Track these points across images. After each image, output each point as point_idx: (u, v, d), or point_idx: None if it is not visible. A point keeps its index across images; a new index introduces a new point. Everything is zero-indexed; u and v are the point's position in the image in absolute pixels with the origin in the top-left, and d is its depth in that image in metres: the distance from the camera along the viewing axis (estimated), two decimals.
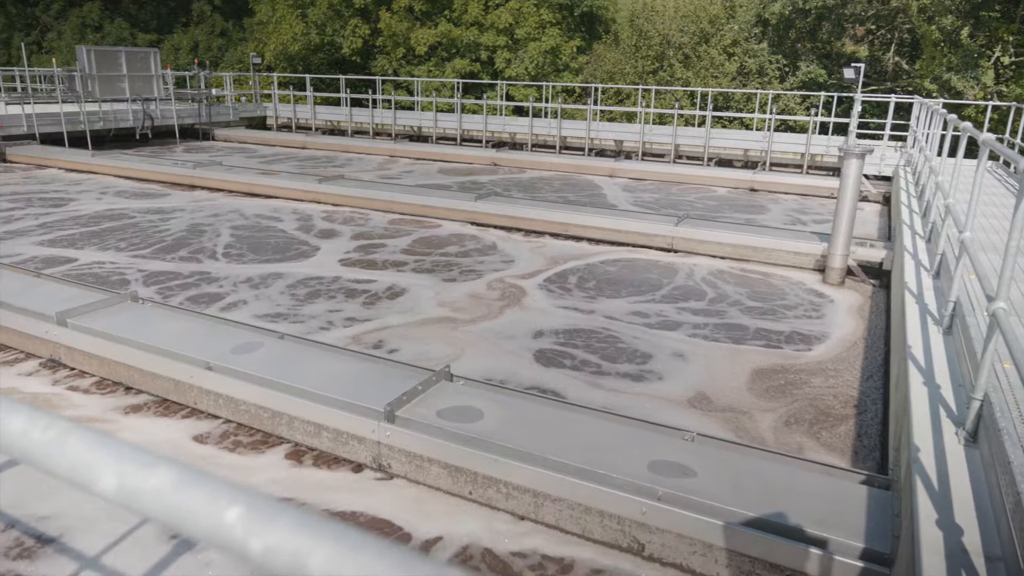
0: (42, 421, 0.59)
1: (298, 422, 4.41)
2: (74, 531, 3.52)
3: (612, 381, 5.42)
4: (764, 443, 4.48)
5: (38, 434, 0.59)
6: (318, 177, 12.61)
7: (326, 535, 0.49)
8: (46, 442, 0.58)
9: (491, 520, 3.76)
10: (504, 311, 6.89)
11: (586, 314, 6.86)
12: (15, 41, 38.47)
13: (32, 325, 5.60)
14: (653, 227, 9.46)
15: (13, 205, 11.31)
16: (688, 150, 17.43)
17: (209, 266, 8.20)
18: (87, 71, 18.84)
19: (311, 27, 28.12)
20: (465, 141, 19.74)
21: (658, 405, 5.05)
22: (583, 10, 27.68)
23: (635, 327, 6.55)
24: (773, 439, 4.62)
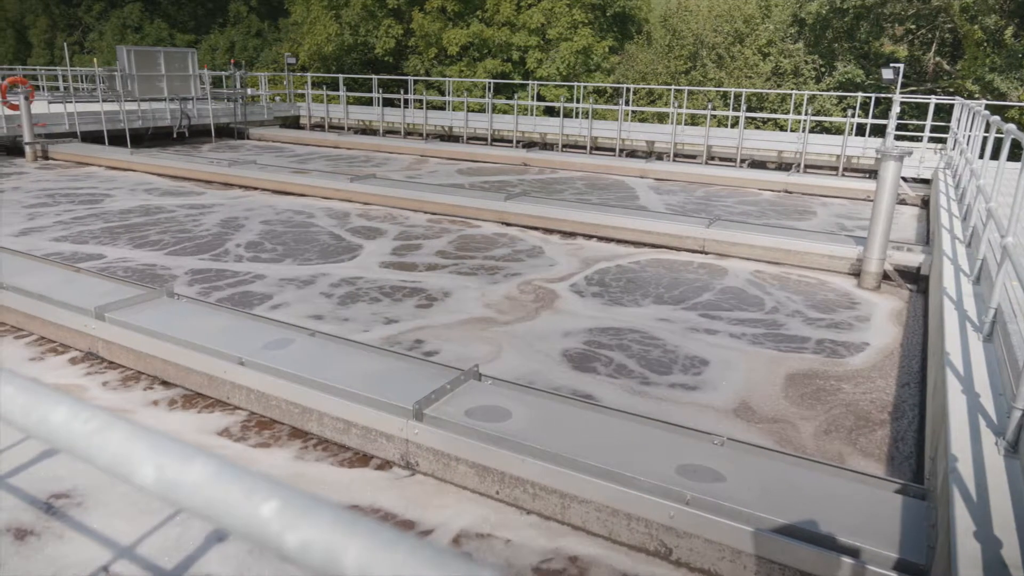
0: (84, 413, 0.61)
1: (327, 418, 4.45)
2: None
3: (646, 385, 5.38)
4: (803, 450, 4.41)
5: (80, 425, 0.60)
6: (349, 176, 12.73)
7: (361, 531, 0.49)
8: (88, 433, 0.60)
9: (517, 520, 3.76)
10: (539, 313, 6.85)
11: (619, 317, 6.81)
12: (58, 41, 39.47)
13: (72, 318, 5.74)
14: (684, 229, 9.38)
15: (54, 200, 11.60)
16: (720, 151, 17.25)
17: (248, 267, 8.31)
18: (127, 71, 19.26)
19: (345, 28, 28.41)
20: (496, 141, 19.78)
21: (693, 410, 5.00)
22: (615, 10, 27.56)
23: (668, 331, 6.49)
24: (810, 446, 4.55)
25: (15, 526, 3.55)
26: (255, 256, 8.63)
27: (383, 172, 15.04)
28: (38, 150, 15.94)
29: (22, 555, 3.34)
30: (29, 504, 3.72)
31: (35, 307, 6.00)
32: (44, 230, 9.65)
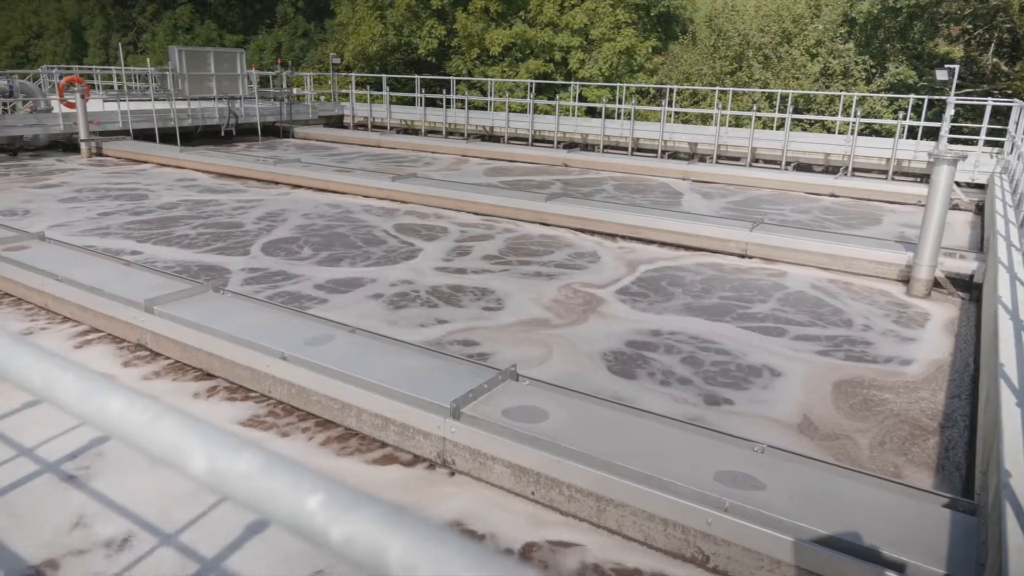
0: (139, 403, 0.62)
1: (366, 414, 4.50)
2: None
3: (694, 393, 5.30)
4: (858, 462, 4.31)
5: (135, 415, 0.62)
6: (391, 175, 12.86)
7: (405, 528, 0.49)
8: (142, 423, 0.61)
9: (553, 522, 3.75)
10: (586, 317, 6.76)
11: (664, 322, 6.69)
12: (113, 42, 40.71)
13: (122, 311, 5.91)
14: (726, 232, 9.24)
15: (104, 195, 11.96)
16: (765, 153, 16.96)
17: (296, 266, 8.45)
18: (178, 70, 19.76)
19: (389, 28, 28.72)
20: (536, 142, 19.77)
21: (740, 419, 4.92)
22: (660, 10, 27.31)
23: (713, 337, 6.38)
24: (863, 458, 4.44)
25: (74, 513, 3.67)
26: (302, 254, 8.77)
27: (424, 171, 15.15)
28: (92, 147, 16.45)
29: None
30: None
31: (88, 299, 6.20)
32: (93, 222, 9.96)
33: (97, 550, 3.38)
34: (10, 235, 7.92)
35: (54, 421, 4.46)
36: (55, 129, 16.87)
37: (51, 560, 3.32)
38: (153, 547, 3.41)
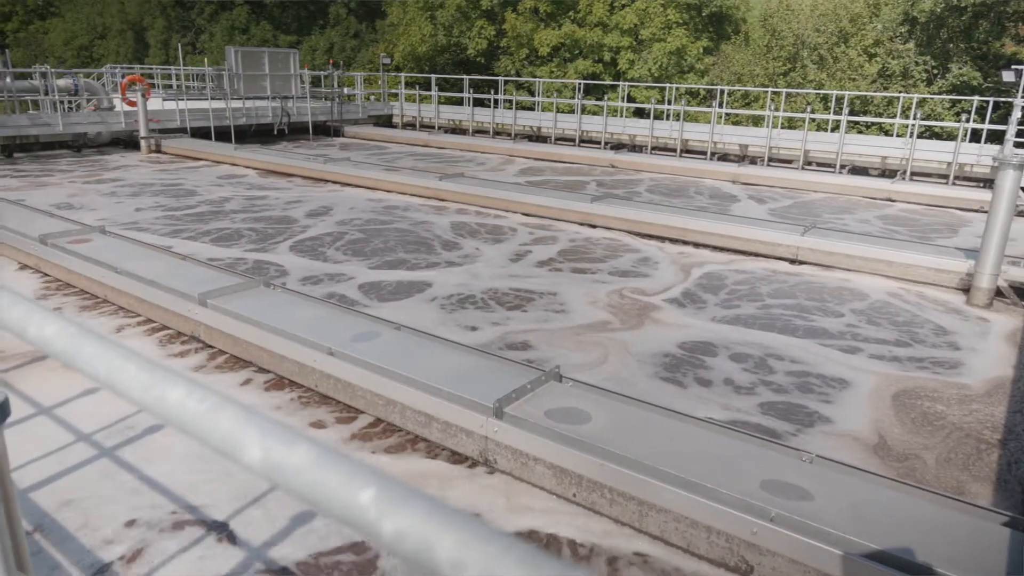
0: (198, 394, 0.64)
1: (410, 411, 4.55)
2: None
3: (748, 401, 5.21)
4: (921, 479, 4.17)
5: (194, 405, 0.64)
6: (439, 175, 12.97)
7: (455, 524, 0.49)
8: (201, 413, 0.63)
9: (594, 525, 3.73)
10: (642, 322, 6.64)
11: (719, 330, 6.56)
12: (173, 42, 41.99)
13: (177, 304, 6.09)
14: (777, 236, 9.06)
15: (164, 192, 12.34)
16: (818, 156, 16.58)
17: (351, 267, 8.59)
18: (234, 70, 20.29)
19: (439, 28, 28.97)
20: (584, 142, 19.70)
21: (796, 430, 4.82)
22: (712, 10, 26.93)
23: (767, 344, 6.22)
24: (924, 473, 4.30)
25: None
26: (356, 253, 8.90)
27: (471, 171, 15.23)
28: (152, 144, 17.00)
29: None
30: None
31: (145, 291, 6.40)
32: (149, 215, 10.29)
33: (149, 533, 3.50)
34: (73, 228, 8.23)
35: (113, 408, 4.63)
36: (117, 127, 17.49)
37: (106, 545, 3.43)
38: (202, 536, 3.51)
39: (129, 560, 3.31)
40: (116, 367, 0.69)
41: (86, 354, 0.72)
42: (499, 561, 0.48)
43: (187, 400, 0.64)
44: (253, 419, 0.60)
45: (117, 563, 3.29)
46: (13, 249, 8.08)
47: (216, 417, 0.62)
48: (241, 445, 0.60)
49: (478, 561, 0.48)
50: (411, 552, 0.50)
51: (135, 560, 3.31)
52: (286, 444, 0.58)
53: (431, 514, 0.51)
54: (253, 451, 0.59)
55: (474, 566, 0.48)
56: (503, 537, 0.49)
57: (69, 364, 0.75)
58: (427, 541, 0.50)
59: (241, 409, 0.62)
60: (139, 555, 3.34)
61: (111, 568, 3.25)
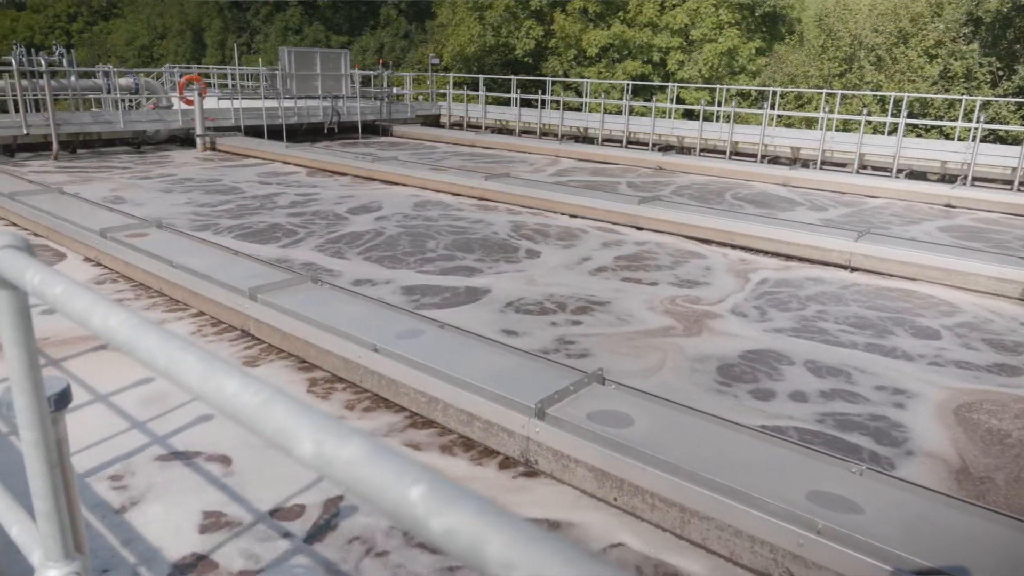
0: (253, 386, 0.65)
1: (452, 409, 4.58)
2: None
3: (807, 412, 5.06)
4: (994, 502, 4.02)
5: (249, 397, 0.65)
6: (485, 174, 13.01)
7: (505, 524, 0.49)
8: (255, 405, 0.64)
9: (634, 530, 3.69)
10: (699, 330, 6.46)
11: (776, 339, 6.36)
12: (229, 42, 43.06)
13: (229, 298, 6.25)
14: (829, 241, 8.84)
15: (219, 189, 12.67)
16: (874, 160, 16.13)
17: (395, 270, 8.67)
18: (287, 70, 20.71)
19: (487, 29, 29.10)
20: (631, 143, 19.54)
21: (854, 442, 4.70)
22: (765, 10, 26.44)
23: (823, 355, 6.02)
24: (994, 493, 4.13)
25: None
26: (406, 254, 9.00)
27: (517, 171, 15.25)
28: (207, 142, 17.47)
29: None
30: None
31: (198, 285, 6.58)
32: (204, 210, 10.57)
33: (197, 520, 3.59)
34: (131, 223, 8.51)
35: (165, 396, 4.77)
36: (175, 125, 18.02)
37: (159, 535, 3.54)
38: (250, 524, 3.59)
39: (175, 549, 3.40)
40: (176, 358, 0.71)
41: (147, 345, 0.74)
42: (549, 563, 0.48)
43: (243, 392, 0.65)
44: (306, 412, 0.61)
45: (165, 546, 3.38)
46: (76, 242, 8.40)
47: (270, 409, 0.63)
48: (294, 438, 0.61)
49: (528, 562, 0.48)
50: (461, 550, 0.50)
51: (182, 548, 3.40)
52: (338, 438, 0.58)
53: (481, 513, 0.50)
54: (305, 444, 0.60)
55: (524, 567, 0.48)
56: (554, 539, 0.49)
57: (131, 354, 0.77)
58: (477, 540, 0.50)
59: (294, 402, 0.63)
60: (184, 536, 3.43)
61: (161, 552, 3.35)
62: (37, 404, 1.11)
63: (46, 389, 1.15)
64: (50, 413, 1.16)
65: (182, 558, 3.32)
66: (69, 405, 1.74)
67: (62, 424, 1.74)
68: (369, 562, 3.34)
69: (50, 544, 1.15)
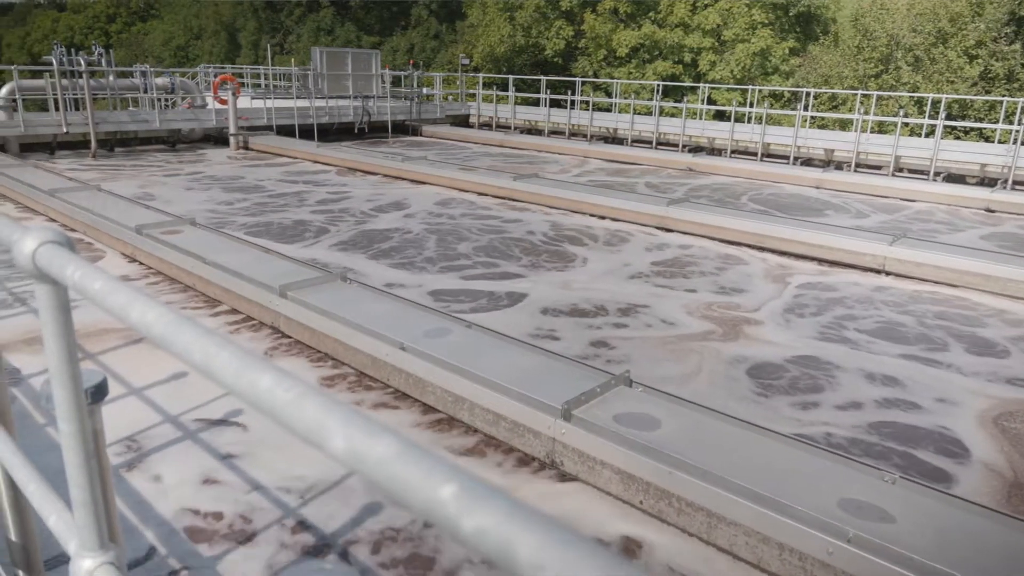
0: (286, 382, 0.66)
1: (478, 409, 4.58)
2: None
3: (846, 418, 4.97)
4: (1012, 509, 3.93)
5: (282, 393, 0.66)
6: (513, 175, 13.02)
7: (537, 526, 0.49)
8: (288, 401, 0.65)
9: (660, 534, 3.66)
10: (736, 336, 6.34)
11: (818, 348, 6.21)
12: (262, 43, 43.67)
13: (260, 295, 6.33)
14: (862, 244, 8.68)
15: (252, 187, 12.85)
16: (910, 162, 15.82)
17: (423, 273, 8.71)
18: (319, 70, 20.93)
19: (517, 29, 29.11)
20: (661, 145, 19.41)
21: (902, 456, 4.61)
22: (800, 9, 26.08)
23: (870, 366, 5.85)
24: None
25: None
26: (441, 255, 9.05)
27: (545, 172, 15.23)
28: (240, 141, 17.73)
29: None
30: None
31: (230, 282, 6.68)
32: (240, 207, 10.72)
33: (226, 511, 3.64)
34: (166, 220, 8.67)
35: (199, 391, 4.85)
36: (209, 124, 18.32)
37: (193, 527, 3.59)
38: (278, 518, 3.63)
39: (206, 539, 3.46)
40: (211, 353, 0.72)
41: (183, 340, 0.75)
42: (580, 566, 0.47)
43: (276, 388, 0.66)
44: (337, 409, 0.62)
45: (196, 540, 3.44)
46: (112, 238, 8.58)
47: (302, 406, 0.64)
48: (326, 434, 0.61)
49: (559, 565, 0.48)
50: (491, 551, 0.50)
51: (212, 539, 3.45)
52: (369, 435, 0.59)
53: (512, 514, 0.50)
54: (337, 440, 0.60)
55: (554, 569, 0.48)
56: (586, 542, 0.48)
57: (168, 349, 0.78)
58: (508, 541, 0.49)
59: (326, 399, 0.63)
60: (214, 534, 3.49)
61: (188, 544, 3.41)
62: (75, 396, 1.13)
63: (83, 382, 1.18)
64: (87, 405, 1.19)
65: (212, 549, 3.37)
66: (105, 398, 1.78)
67: (98, 416, 1.78)
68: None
69: (86, 534, 1.18)
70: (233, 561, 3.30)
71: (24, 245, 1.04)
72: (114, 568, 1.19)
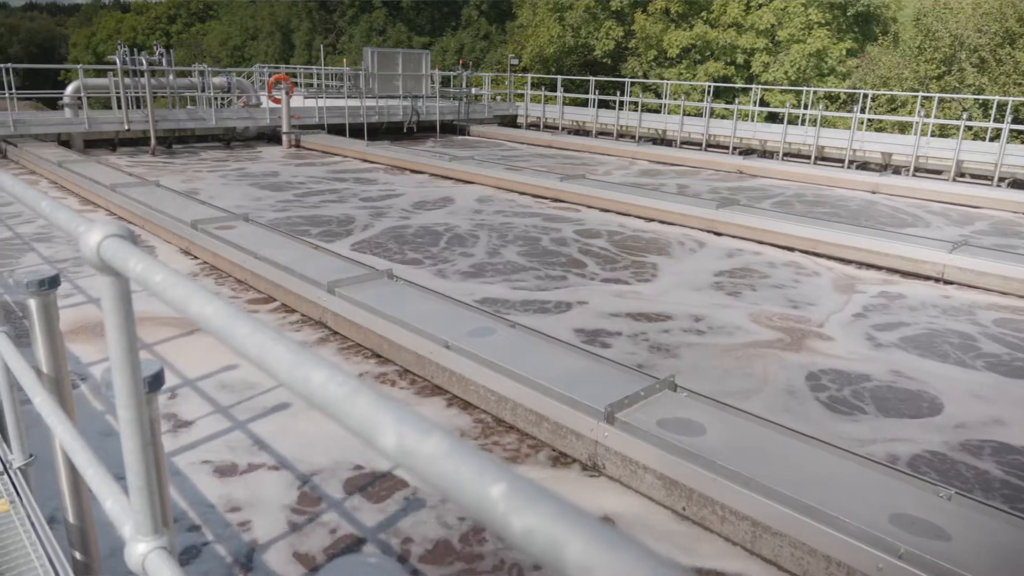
0: (339, 377, 0.67)
1: (521, 409, 4.59)
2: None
3: (909, 431, 4.80)
4: None
5: (335, 388, 0.66)
6: (560, 175, 12.99)
7: (585, 528, 0.49)
8: (341, 396, 0.66)
9: (703, 541, 3.61)
10: (800, 347, 6.12)
11: (889, 361, 5.91)
12: (316, 43, 44.45)
13: (308, 291, 6.45)
14: (921, 252, 8.40)
15: (301, 185, 13.09)
16: (973, 167, 15.25)
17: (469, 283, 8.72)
18: (370, 70, 21.22)
19: (567, 30, 29.03)
20: (710, 147, 19.12)
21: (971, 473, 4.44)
22: (858, 9, 25.39)
23: (930, 377, 5.64)
24: None
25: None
26: (487, 256, 9.08)
27: (593, 173, 15.15)
28: (292, 139, 18.11)
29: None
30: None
31: (280, 277, 6.82)
32: (291, 203, 10.94)
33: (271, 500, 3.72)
34: (221, 215, 8.90)
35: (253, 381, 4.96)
36: (263, 122, 18.75)
37: (245, 521, 3.68)
38: (323, 510, 3.69)
39: (251, 525, 3.54)
40: (267, 347, 0.74)
41: (240, 333, 0.77)
42: (629, 569, 0.47)
43: (329, 383, 0.67)
44: (389, 405, 0.62)
45: (242, 526, 3.52)
46: (169, 232, 8.85)
47: (354, 401, 0.65)
48: (377, 429, 0.62)
49: (607, 567, 0.47)
50: (539, 551, 0.50)
51: (256, 525, 3.53)
52: (420, 432, 0.59)
53: (561, 515, 0.50)
54: (388, 436, 0.61)
55: (603, 571, 0.47)
56: (636, 546, 0.48)
57: (225, 342, 0.80)
58: (556, 542, 0.49)
59: (378, 395, 0.64)
60: (259, 523, 3.56)
61: (235, 530, 3.49)
62: (134, 385, 1.17)
63: (142, 371, 1.21)
64: (145, 394, 1.22)
65: (258, 536, 3.44)
66: (162, 387, 1.83)
67: (155, 404, 1.84)
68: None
69: (141, 518, 1.21)
70: (275, 552, 3.37)
71: (90, 238, 1.08)
72: (167, 553, 1.22)
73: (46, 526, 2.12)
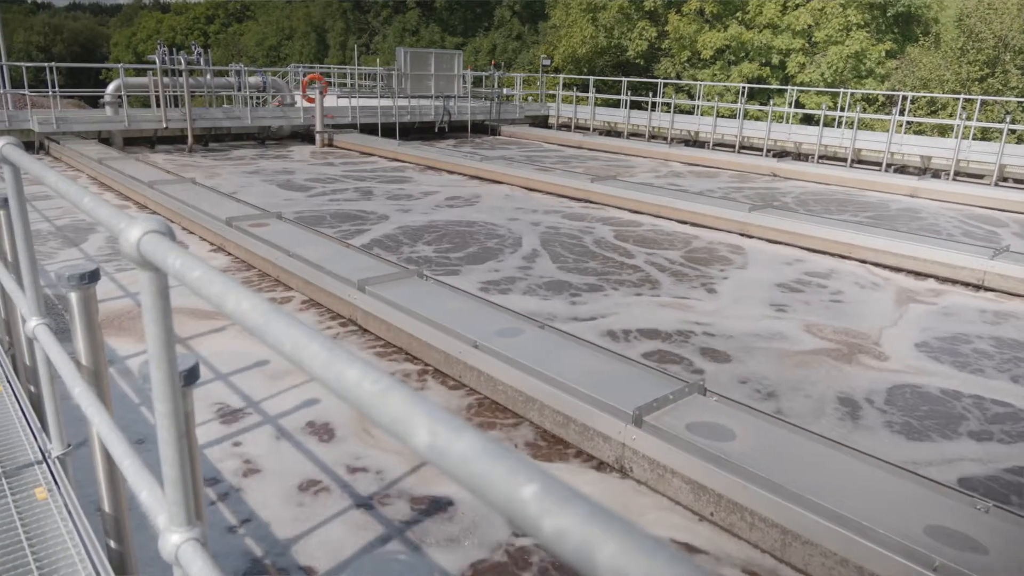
0: (372, 375, 0.67)
1: (548, 410, 4.58)
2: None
3: (965, 449, 4.67)
4: None
5: (368, 385, 0.67)
6: (591, 176, 12.94)
7: (617, 531, 0.48)
8: (374, 394, 0.66)
9: (731, 548, 3.57)
10: (851, 361, 5.90)
11: (939, 372, 5.75)
12: (350, 43, 44.91)
13: (339, 288, 6.52)
14: (959, 258, 8.21)
15: (335, 183, 13.22)
16: (1015, 172, 14.86)
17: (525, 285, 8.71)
18: (403, 70, 21.36)
19: (600, 30, 28.92)
20: (744, 149, 18.90)
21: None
22: (899, 9, 24.89)
23: (983, 390, 5.49)
24: None
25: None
26: (533, 256, 9.08)
27: (625, 173, 15.08)
28: (326, 138, 18.30)
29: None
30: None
31: (312, 274, 6.90)
32: (322, 199, 11.06)
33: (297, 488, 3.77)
34: (254, 213, 9.03)
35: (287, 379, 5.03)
36: (297, 121, 18.99)
37: (266, 505, 3.73)
38: (348, 507, 3.73)
39: (280, 519, 3.58)
40: (301, 344, 0.74)
41: (275, 329, 0.78)
42: (660, 573, 0.47)
43: (362, 380, 0.67)
44: (422, 404, 0.63)
45: (273, 520, 3.57)
46: (205, 229, 9.00)
47: (387, 399, 0.65)
48: (410, 428, 0.62)
49: (638, 570, 0.47)
50: (571, 553, 0.50)
51: (287, 520, 3.58)
52: (453, 431, 0.59)
53: (593, 517, 0.50)
54: (421, 434, 0.61)
55: (635, 574, 0.47)
56: (668, 549, 0.47)
57: (260, 337, 0.81)
58: (588, 544, 0.49)
59: (411, 393, 0.64)
60: (287, 512, 3.61)
61: (264, 522, 3.54)
62: (171, 378, 1.19)
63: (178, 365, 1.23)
64: (181, 388, 1.25)
65: (284, 533, 3.49)
66: (197, 381, 1.87)
67: (190, 398, 1.87)
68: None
69: (175, 510, 1.24)
70: (299, 549, 3.41)
71: (130, 233, 1.10)
72: (199, 544, 1.24)
73: (83, 514, 2.17)
